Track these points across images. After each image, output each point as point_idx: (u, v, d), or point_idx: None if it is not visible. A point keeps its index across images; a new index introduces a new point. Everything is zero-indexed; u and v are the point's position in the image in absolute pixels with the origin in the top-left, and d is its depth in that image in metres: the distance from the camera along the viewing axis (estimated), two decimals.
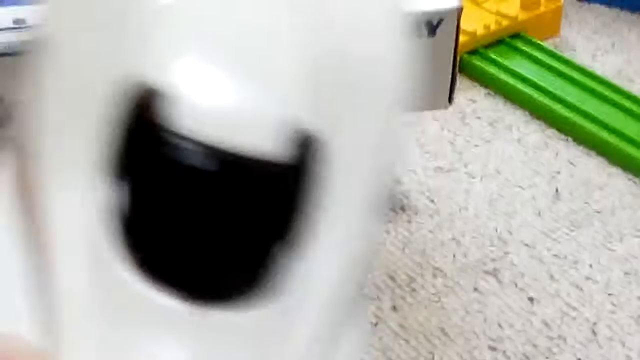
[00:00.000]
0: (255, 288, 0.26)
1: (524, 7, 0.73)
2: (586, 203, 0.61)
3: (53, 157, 0.27)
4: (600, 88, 0.69)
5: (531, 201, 0.62)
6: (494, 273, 0.56)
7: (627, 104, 0.67)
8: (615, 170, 0.64)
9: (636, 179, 0.63)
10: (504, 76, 0.70)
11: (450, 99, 0.56)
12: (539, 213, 0.60)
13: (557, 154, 0.65)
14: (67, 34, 0.27)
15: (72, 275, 0.27)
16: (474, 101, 0.69)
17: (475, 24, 0.71)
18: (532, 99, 0.68)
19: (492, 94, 0.70)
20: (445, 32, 0.54)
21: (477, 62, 0.71)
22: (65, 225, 0.26)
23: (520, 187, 0.63)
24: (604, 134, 0.65)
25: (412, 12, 0.52)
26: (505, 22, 0.72)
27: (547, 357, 0.52)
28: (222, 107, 0.24)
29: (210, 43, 0.26)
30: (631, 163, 0.64)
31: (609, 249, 0.58)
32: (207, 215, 0.25)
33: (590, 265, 0.57)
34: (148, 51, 0.25)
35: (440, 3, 0.54)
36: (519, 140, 0.66)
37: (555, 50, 0.72)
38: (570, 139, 0.66)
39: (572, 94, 0.68)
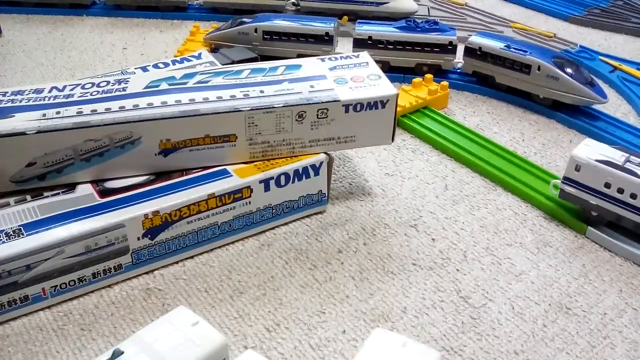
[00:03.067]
0: None
1: (429, 93, 0.75)
2: (460, 191, 0.62)
3: None
4: (467, 133, 0.70)
5: (433, 190, 0.62)
6: (415, 226, 0.57)
7: (480, 140, 0.69)
8: (475, 175, 0.65)
9: (486, 179, 0.64)
10: (419, 128, 0.71)
11: (392, 139, 0.58)
12: (437, 196, 0.61)
13: (446, 166, 0.66)
14: None
15: None
16: (404, 140, 0.70)
17: (405, 101, 0.73)
18: (433, 139, 0.69)
19: (414, 136, 0.71)
20: (390, 106, 0.56)
21: (406, 120, 0.72)
22: None
23: (427, 183, 0.63)
24: (469, 156, 0.66)
25: (375, 97, 0.55)
26: (420, 101, 0.74)
27: (441, 268, 0.52)
28: None
29: None
30: (483, 170, 0.65)
31: (472, 214, 0.59)
32: None
33: (463, 222, 0.58)
34: None
35: (388, 91, 0.55)
36: (427, 160, 0.67)
37: (445, 115, 0.73)
38: (453, 159, 0.67)
39: (453, 136, 0.69)
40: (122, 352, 0.36)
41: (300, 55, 0.82)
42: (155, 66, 0.65)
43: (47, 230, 0.47)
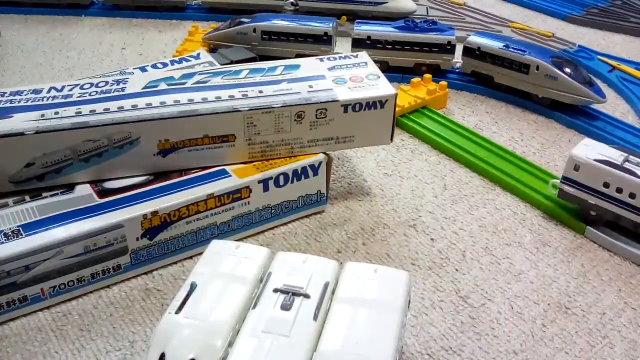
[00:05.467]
0: None
1: (428, 93, 0.75)
2: (459, 191, 0.62)
3: None
4: (466, 133, 0.70)
5: (432, 190, 0.62)
6: (413, 226, 0.57)
7: (479, 140, 0.69)
8: (474, 175, 0.65)
9: (485, 179, 0.64)
10: (418, 128, 0.71)
11: (391, 139, 0.58)
12: (436, 196, 0.61)
13: (445, 166, 0.66)
14: None
15: None
16: (403, 140, 0.70)
17: (403, 101, 0.73)
18: (432, 139, 0.69)
19: (412, 136, 0.71)
20: (389, 105, 0.56)
21: (405, 120, 0.72)
22: None
23: (426, 183, 0.63)
24: (468, 156, 0.66)
25: (374, 96, 0.55)
26: (418, 101, 0.74)
27: (440, 268, 0.52)
28: None
29: None
30: (482, 170, 0.65)
31: (471, 214, 0.59)
32: None
33: (462, 222, 0.58)
34: None
35: (386, 91, 0.55)
36: (425, 160, 0.67)
37: (444, 115, 0.74)
38: (451, 159, 0.67)
39: (452, 136, 0.69)
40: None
41: (299, 55, 0.82)
42: (154, 66, 0.65)
43: (45, 231, 0.46)
